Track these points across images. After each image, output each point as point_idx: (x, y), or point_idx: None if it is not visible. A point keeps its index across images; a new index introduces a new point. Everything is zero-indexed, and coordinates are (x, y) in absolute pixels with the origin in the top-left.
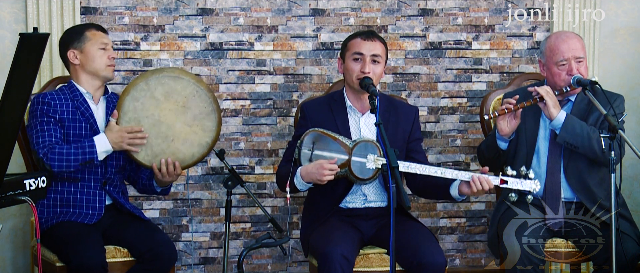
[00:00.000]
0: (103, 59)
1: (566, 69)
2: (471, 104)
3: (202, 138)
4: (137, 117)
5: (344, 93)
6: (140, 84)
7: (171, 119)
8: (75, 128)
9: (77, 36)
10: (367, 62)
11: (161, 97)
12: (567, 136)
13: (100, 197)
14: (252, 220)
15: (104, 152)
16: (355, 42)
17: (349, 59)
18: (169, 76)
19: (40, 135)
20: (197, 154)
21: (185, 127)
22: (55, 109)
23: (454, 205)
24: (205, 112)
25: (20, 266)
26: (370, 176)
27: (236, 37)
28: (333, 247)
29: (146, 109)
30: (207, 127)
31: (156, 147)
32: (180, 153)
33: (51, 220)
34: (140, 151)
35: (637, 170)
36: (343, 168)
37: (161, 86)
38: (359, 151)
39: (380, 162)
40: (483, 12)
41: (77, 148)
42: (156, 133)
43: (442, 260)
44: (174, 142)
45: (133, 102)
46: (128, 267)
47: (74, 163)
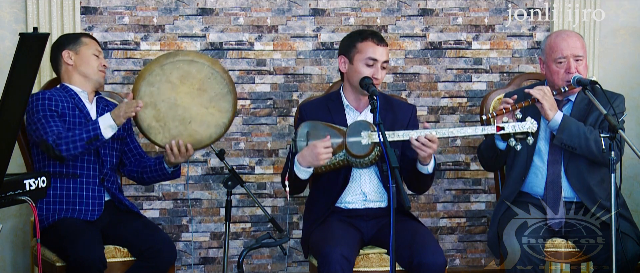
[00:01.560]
0: (96, 64)
1: (564, 67)
2: (471, 104)
3: (219, 119)
4: (154, 101)
5: (341, 92)
6: (155, 69)
7: (188, 102)
8: (74, 123)
9: (73, 40)
10: (379, 68)
11: (177, 81)
12: (564, 138)
13: (100, 193)
14: (252, 220)
15: (108, 126)
16: (368, 46)
17: (359, 61)
18: (183, 60)
19: (46, 126)
20: (215, 135)
21: (201, 109)
22: (56, 103)
23: (454, 205)
24: (221, 93)
25: (20, 266)
26: (367, 152)
27: (236, 37)
28: (333, 247)
29: (162, 93)
30: (223, 108)
31: (174, 130)
32: (197, 135)
33: (51, 218)
34: (157, 133)
35: (637, 170)
36: (340, 150)
37: (176, 70)
38: (352, 130)
39: (374, 136)
40: (483, 12)
41: (81, 129)
42: (173, 115)
43: (442, 260)
44: (191, 124)
45: (149, 87)
46: (128, 267)
47: (80, 143)
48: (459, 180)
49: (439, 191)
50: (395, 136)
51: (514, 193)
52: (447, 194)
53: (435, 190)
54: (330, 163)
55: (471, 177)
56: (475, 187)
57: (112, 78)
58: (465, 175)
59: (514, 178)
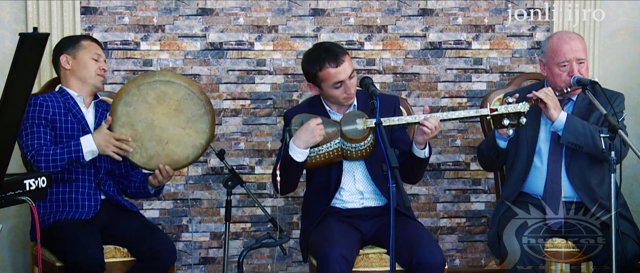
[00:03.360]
0: (94, 68)
1: (567, 70)
2: (471, 104)
3: (196, 140)
4: (131, 121)
5: (321, 98)
6: (132, 89)
7: (164, 122)
8: (67, 129)
9: (72, 43)
10: (347, 85)
11: (154, 102)
12: (570, 137)
13: (95, 195)
14: (252, 220)
15: (89, 152)
16: (328, 73)
17: (327, 87)
18: (160, 81)
19: (29, 138)
20: (192, 155)
21: (178, 130)
22: (47, 110)
23: (454, 205)
24: (198, 114)
25: (20, 266)
26: (364, 136)
27: (236, 37)
28: (332, 247)
29: (139, 113)
30: (200, 129)
31: (151, 150)
32: (175, 155)
33: (49, 220)
34: (135, 153)
35: (637, 170)
36: (335, 137)
37: (153, 91)
38: (347, 119)
39: (369, 122)
40: (483, 12)
41: (62, 148)
42: (150, 136)
43: (441, 259)
44: (168, 144)
45: (126, 107)
46: (128, 267)
47: (61, 163)
48: (459, 180)
49: (439, 191)
50: (396, 121)
51: (514, 193)
52: (447, 194)
53: (435, 190)
54: (325, 152)
55: (471, 177)
56: (475, 187)
57: (112, 78)
58: (465, 175)
59: (514, 179)
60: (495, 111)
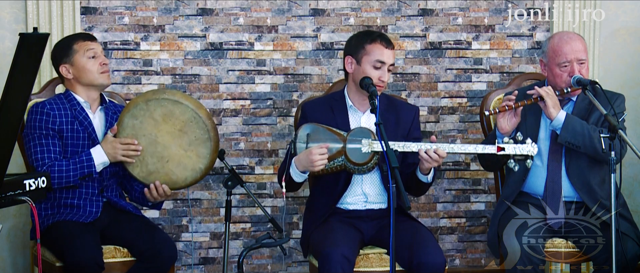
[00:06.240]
0: (95, 67)
1: (568, 71)
2: (471, 104)
3: (196, 164)
4: (135, 134)
5: (345, 92)
6: (140, 103)
7: (167, 141)
8: (74, 138)
9: (65, 51)
10: (385, 71)
11: (159, 119)
12: (568, 136)
13: (98, 201)
14: (252, 220)
15: (101, 163)
16: (377, 48)
17: (367, 63)
18: (168, 99)
19: (38, 150)
20: (190, 178)
21: (180, 151)
22: (54, 120)
23: (454, 205)
24: (201, 139)
25: (20, 266)
26: (366, 160)
27: (236, 37)
28: (334, 247)
29: (144, 128)
30: (201, 154)
31: (151, 165)
32: (173, 175)
33: (48, 220)
34: (135, 166)
35: (637, 170)
36: (339, 156)
37: (160, 108)
38: (353, 137)
39: (374, 145)
40: (483, 12)
41: (75, 163)
42: (152, 152)
43: (441, 260)
44: (168, 163)
45: (132, 119)
46: (128, 267)
47: (74, 178)
48: (459, 180)
49: (439, 191)
50: (401, 147)
51: (514, 193)
52: (447, 194)
53: (435, 190)
54: (328, 168)
55: (471, 177)
56: (475, 187)
57: (112, 78)
58: (465, 175)
59: (514, 179)
60: (502, 150)
